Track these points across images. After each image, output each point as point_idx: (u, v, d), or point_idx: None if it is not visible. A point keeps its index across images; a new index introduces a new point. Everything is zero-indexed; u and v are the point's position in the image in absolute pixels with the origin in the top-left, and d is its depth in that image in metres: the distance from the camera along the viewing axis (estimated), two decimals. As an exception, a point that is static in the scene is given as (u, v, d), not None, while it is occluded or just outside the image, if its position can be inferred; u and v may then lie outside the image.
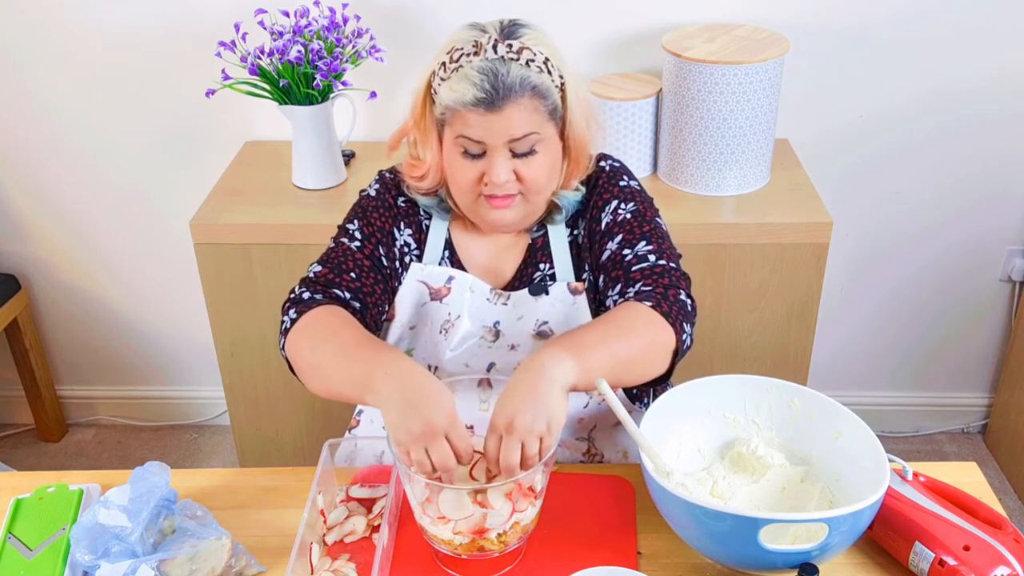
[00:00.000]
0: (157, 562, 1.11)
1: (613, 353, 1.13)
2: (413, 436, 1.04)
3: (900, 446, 2.56)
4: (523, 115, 1.19)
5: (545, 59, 1.20)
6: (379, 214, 1.35)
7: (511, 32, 1.20)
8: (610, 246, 1.31)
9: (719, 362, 2.05)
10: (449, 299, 1.35)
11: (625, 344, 1.15)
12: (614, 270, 1.30)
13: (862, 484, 1.11)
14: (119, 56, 2.19)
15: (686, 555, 1.17)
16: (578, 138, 1.27)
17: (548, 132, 1.23)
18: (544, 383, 1.07)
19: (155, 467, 1.20)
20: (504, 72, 1.17)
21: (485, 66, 1.17)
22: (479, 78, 1.17)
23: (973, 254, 2.37)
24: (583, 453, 1.38)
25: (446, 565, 1.16)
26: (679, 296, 1.23)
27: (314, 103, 1.96)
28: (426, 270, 1.35)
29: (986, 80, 2.15)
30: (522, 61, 1.18)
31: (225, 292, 2.01)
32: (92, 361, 2.63)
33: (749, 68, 1.86)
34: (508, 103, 1.18)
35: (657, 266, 1.27)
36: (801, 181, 2.06)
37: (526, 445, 1.04)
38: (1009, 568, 1.04)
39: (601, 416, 1.36)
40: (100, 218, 2.40)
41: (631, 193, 1.34)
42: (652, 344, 1.17)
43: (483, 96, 1.17)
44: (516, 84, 1.17)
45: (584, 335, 1.15)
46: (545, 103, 1.21)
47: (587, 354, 1.11)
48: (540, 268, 1.35)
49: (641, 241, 1.30)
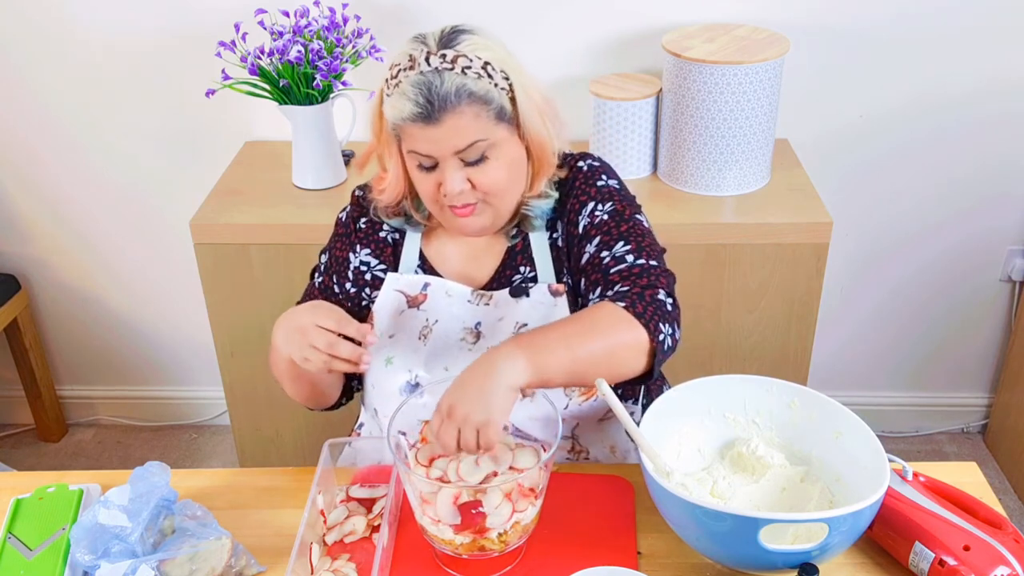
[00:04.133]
0: (157, 562, 1.11)
1: (573, 353, 1.13)
2: (291, 342, 1.17)
3: (900, 446, 2.56)
4: (465, 124, 1.19)
5: (484, 64, 1.19)
6: (341, 243, 1.40)
7: (449, 40, 1.20)
8: (588, 249, 1.31)
9: (719, 362, 2.05)
10: (426, 305, 1.35)
11: (586, 344, 1.14)
12: (593, 273, 1.29)
13: (862, 484, 1.11)
14: (119, 56, 2.19)
15: (686, 555, 1.17)
16: (535, 138, 1.27)
17: (499, 136, 1.22)
18: (491, 380, 1.08)
19: (155, 467, 1.20)
20: (438, 84, 1.17)
21: (419, 80, 1.17)
22: (414, 92, 1.17)
23: (973, 254, 2.37)
24: (568, 451, 1.38)
25: (446, 565, 1.16)
26: (656, 295, 1.22)
27: (314, 103, 1.96)
28: (402, 279, 1.36)
29: (986, 80, 2.15)
30: (457, 69, 1.17)
31: (225, 292, 2.01)
32: (92, 361, 2.63)
33: (749, 68, 1.86)
34: (446, 114, 1.18)
35: (636, 266, 1.26)
36: (801, 181, 2.06)
37: (461, 433, 1.07)
38: (1009, 568, 1.04)
39: (583, 414, 1.36)
40: (100, 218, 2.40)
41: (608, 193, 1.33)
42: (619, 344, 1.16)
43: (419, 111, 1.17)
44: (451, 94, 1.17)
45: (544, 334, 1.15)
46: (488, 108, 1.20)
47: (543, 354, 1.11)
48: (520, 271, 1.35)
49: (619, 242, 1.29)
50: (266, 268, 1.98)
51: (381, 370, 1.35)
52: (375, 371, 1.36)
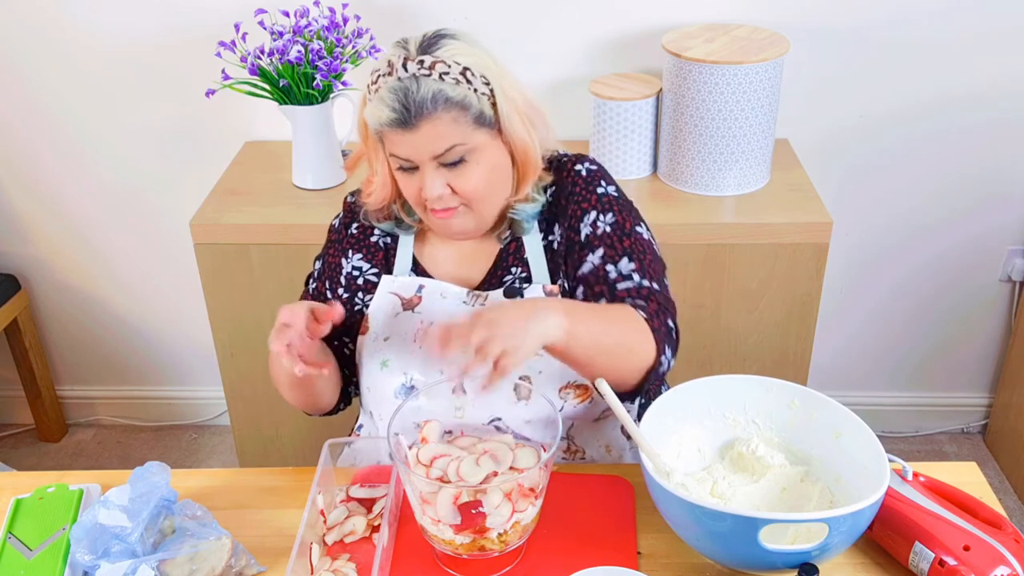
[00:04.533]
0: (157, 562, 1.11)
1: (600, 337, 1.15)
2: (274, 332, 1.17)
3: (900, 446, 2.56)
4: (442, 129, 1.19)
5: (463, 69, 1.19)
6: (333, 250, 1.42)
7: (429, 45, 1.20)
8: (591, 259, 1.30)
9: (719, 362, 2.05)
10: (421, 307, 1.35)
11: (612, 333, 1.17)
12: (597, 285, 1.29)
13: (862, 484, 1.11)
14: (119, 56, 2.19)
15: (686, 555, 1.17)
16: (518, 143, 1.27)
17: (478, 140, 1.22)
18: (532, 321, 1.08)
19: (155, 467, 1.20)
20: (414, 90, 1.17)
21: (397, 86, 1.18)
22: (391, 98, 1.18)
23: (973, 254, 2.37)
24: (564, 451, 1.38)
25: (446, 565, 1.16)
26: (666, 320, 1.25)
27: (314, 103, 1.96)
28: (396, 281, 1.37)
29: (986, 80, 2.15)
30: (435, 76, 1.18)
31: (225, 292, 2.01)
32: (92, 361, 2.63)
33: (749, 68, 1.86)
34: (423, 120, 1.18)
35: (643, 287, 1.27)
36: (801, 181, 2.06)
37: (489, 344, 1.04)
38: (1009, 568, 1.04)
39: (578, 414, 1.36)
40: (100, 218, 2.40)
41: (609, 202, 1.33)
42: (635, 348, 1.19)
43: (396, 116, 1.18)
44: (428, 100, 1.18)
45: (582, 307, 1.17)
46: (466, 113, 1.20)
47: (577, 324, 1.11)
48: (512, 272, 1.35)
49: (624, 258, 1.29)
50: (266, 268, 1.98)
51: (377, 373, 1.35)
52: (371, 374, 1.36)
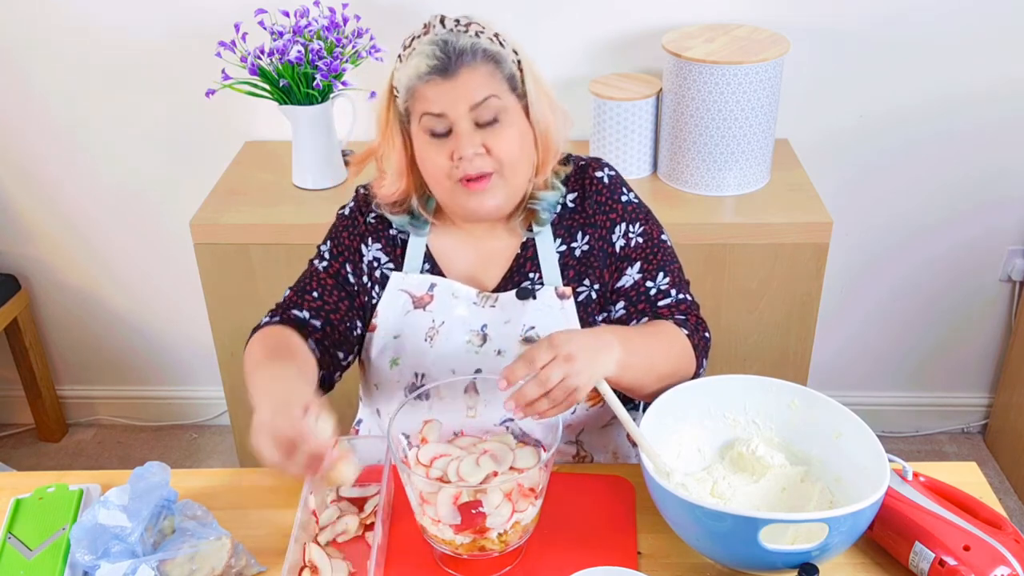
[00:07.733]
0: (157, 562, 1.11)
1: (648, 366, 1.21)
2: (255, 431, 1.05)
3: (900, 446, 2.56)
4: (479, 79, 1.21)
5: (495, 33, 1.24)
6: (348, 233, 1.38)
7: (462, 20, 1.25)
8: (630, 272, 1.34)
9: (719, 362, 2.05)
10: (432, 306, 1.34)
11: (660, 362, 1.23)
12: (640, 303, 1.34)
13: (862, 484, 1.11)
14: (119, 56, 2.19)
15: (686, 555, 1.17)
16: (541, 121, 1.27)
17: (509, 102, 1.24)
18: (600, 356, 1.11)
19: (155, 467, 1.20)
20: (454, 40, 1.21)
21: (435, 38, 1.22)
22: (430, 49, 1.21)
23: (973, 254, 2.37)
24: (572, 456, 1.38)
25: (446, 565, 1.16)
26: (704, 333, 1.32)
27: (314, 103, 1.96)
28: (407, 279, 1.35)
29: (986, 80, 2.15)
30: (471, 33, 1.22)
31: (225, 292, 2.01)
32: (92, 361, 2.63)
33: (749, 68, 1.86)
34: (462, 67, 1.20)
35: (682, 302, 1.34)
36: (801, 181, 2.06)
37: (564, 381, 1.06)
38: (1009, 568, 1.04)
39: (589, 419, 1.36)
40: (100, 218, 2.40)
41: (634, 211, 1.36)
42: (679, 371, 1.26)
43: (435, 63, 1.20)
44: (468, 49, 1.21)
45: (635, 339, 1.20)
46: (500, 69, 1.23)
47: (630, 357, 1.16)
48: (529, 277, 1.34)
49: (659, 273, 1.34)
50: (266, 268, 1.98)
51: (386, 371, 1.35)
52: (379, 372, 1.36)
